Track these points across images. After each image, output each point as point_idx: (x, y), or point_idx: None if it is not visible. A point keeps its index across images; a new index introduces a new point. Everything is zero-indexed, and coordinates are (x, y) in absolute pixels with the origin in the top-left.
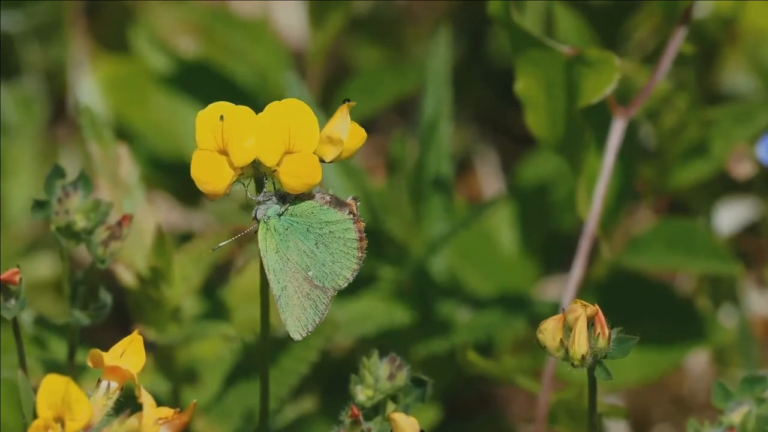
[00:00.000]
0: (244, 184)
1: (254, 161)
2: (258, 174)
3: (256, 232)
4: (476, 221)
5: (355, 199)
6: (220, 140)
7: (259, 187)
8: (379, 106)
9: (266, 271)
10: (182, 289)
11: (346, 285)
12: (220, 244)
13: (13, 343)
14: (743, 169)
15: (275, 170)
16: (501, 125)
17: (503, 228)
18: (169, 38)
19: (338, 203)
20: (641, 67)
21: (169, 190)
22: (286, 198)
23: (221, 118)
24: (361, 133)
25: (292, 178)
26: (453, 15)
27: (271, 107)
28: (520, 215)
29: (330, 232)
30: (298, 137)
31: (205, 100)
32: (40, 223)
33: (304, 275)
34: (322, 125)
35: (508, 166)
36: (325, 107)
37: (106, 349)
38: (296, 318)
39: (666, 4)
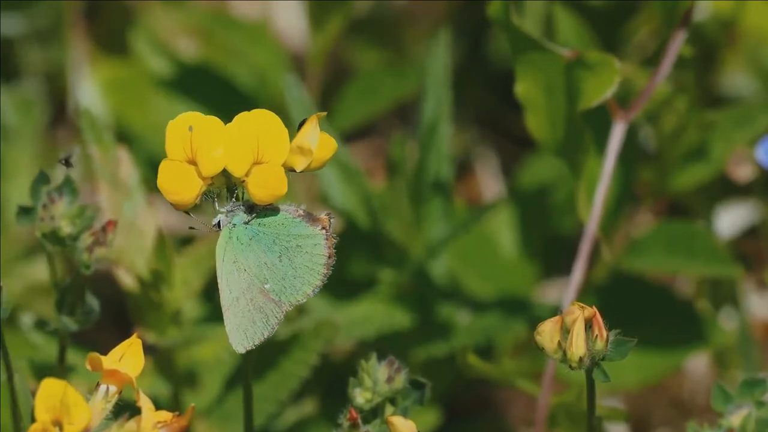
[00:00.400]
0: (213, 196)
1: (225, 171)
2: (229, 184)
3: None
4: (476, 224)
5: (329, 215)
6: (189, 150)
7: (230, 198)
8: (378, 108)
9: (219, 280)
10: (182, 292)
11: (304, 300)
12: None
13: (12, 346)
14: (743, 172)
15: (244, 180)
16: (501, 128)
17: (503, 231)
18: (169, 40)
19: (311, 218)
20: (641, 70)
21: None
22: (253, 209)
23: (190, 128)
24: (330, 143)
25: (259, 189)
26: (453, 17)
27: (241, 117)
28: (520, 218)
29: (298, 246)
30: (267, 148)
31: (205, 102)
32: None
33: (260, 288)
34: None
35: (508, 168)
36: (325, 109)
37: (106, 352)
38: (243, 330)
39: (665, 7)
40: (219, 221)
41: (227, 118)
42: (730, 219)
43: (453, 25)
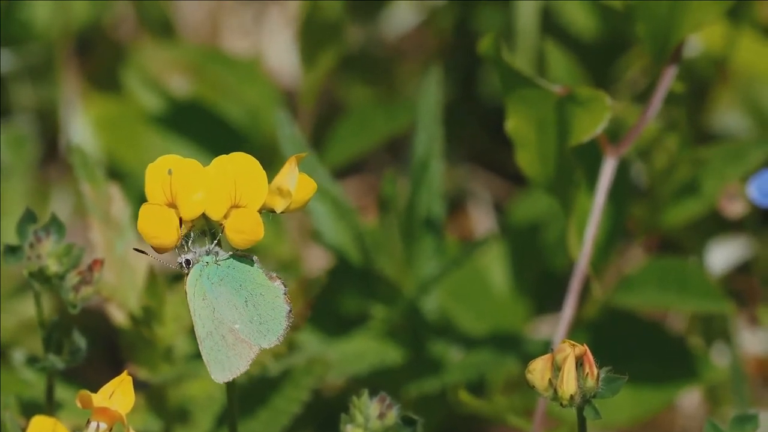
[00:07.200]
0: (188, 241)
1: (204, 214)
2: (209, 226)
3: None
4: (468, 260)
5: (281, 280)
6: (169, 194)
7: (212, 240)
8: (370, 144)
9: (192, 314)
10: (174, 328)
11: (272, 346)
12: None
13: (4, 383)
14: (735, 208)
15: (222, 224)
16: (493, 164)
17: (495, 267)
18: (161, 78)
19: (267, 275)
20: (633, 107)
21: None
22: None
23: (169, 171)
24: (310, 185)
25: (236, 234)
26: (444, 53)
27: (218, 161)
28: (512, 254)
29: (261, 294)
30: (245, 191)
31: (197, 139)
32: None
33: (230, 327)
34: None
35: (500, 205)
36: (317, 145)
37: (98, 388)
38: (220, 363)
39: (656, 44)
40: (186, 260)
41: (218, 155)
42: (722, 255)
43: (444, 62)
